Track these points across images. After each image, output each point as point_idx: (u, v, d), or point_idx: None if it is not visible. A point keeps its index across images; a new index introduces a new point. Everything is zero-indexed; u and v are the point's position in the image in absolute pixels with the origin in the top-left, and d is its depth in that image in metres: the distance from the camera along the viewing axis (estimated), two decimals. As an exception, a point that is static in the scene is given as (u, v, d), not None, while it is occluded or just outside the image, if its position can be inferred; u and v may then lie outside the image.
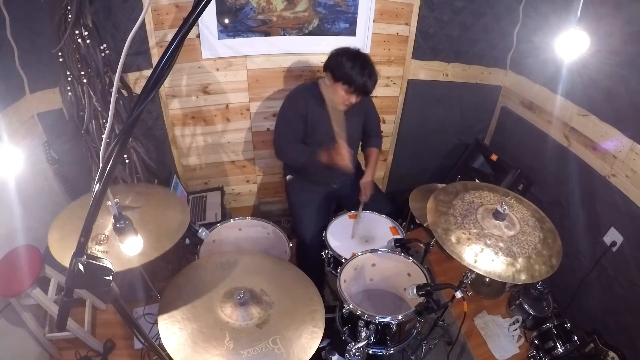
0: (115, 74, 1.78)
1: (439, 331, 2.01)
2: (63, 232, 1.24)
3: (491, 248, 1.26)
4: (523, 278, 1.20)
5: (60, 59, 1.66)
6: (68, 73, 1.68)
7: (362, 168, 2.30)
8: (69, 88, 1.72)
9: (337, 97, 1.80)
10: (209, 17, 1.96)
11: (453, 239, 1.30)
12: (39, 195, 1.89)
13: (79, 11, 1.57)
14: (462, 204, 1.43)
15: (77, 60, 1.66)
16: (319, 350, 1.22)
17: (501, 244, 1.28)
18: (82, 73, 1.68)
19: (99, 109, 1.76)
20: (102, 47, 1.71)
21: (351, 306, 1.46)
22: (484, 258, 1.24)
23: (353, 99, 1.81)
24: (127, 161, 1.94)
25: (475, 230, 1.32)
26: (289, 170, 2.20)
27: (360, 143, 2.18)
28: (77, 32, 1.60)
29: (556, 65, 2.01)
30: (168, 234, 1.28)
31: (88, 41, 1.63)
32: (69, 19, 1.58)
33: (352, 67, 1.72)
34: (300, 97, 1.94)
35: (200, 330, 1.13)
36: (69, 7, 1.56)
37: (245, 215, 1.92)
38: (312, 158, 1.85)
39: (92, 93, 1.72)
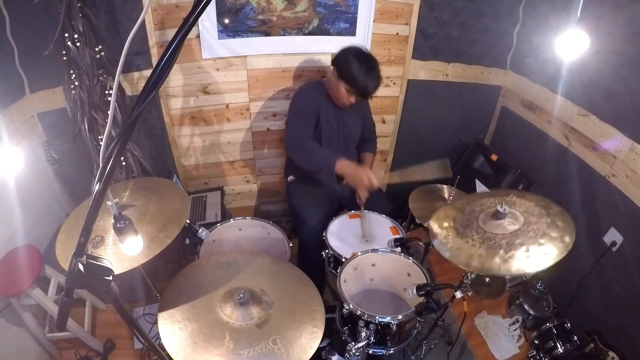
0: (110, 76, 1.78)
1: (439, 331, 2.01)
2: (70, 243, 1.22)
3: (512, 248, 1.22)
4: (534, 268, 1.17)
5: (64, 58, 1.66)
6: (71, 72, 1.68)
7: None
8: (72, 87, 1.71)
9: (339, 94, 1.83)
10: (208, 17, 1.96)
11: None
12: (39, 195, 1.89)
13: (67, 15, 1.57)
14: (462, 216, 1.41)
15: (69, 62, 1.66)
16: (319, 350, 1.21)
17: (504, 241, 1.26)
18: (74, 76, 1.68)
19: (89, 110, 1.76)
20: (97, 49, 1.70)
21: (351, 306, 1.46)
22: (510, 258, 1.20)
23: (352, 99, 1.83)
24: (123, 163, 1.93)
25: (478, 236, 1.30)
26: (291, 170, 2.20)
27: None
28: (66, 35, 1.60)
29: (556, 65, 2.01)
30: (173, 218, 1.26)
31: (78, 44, 1.62)
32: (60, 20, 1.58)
33: (358, 70, 1.72)
34: (314, 92, 1.94)
35: (200, 330, 1.13)
36: (59, 11, 1.56)
37: (245, 215, 1.92)
38: (331, 166, 1.74)
39: (82, 95, 1.72)
